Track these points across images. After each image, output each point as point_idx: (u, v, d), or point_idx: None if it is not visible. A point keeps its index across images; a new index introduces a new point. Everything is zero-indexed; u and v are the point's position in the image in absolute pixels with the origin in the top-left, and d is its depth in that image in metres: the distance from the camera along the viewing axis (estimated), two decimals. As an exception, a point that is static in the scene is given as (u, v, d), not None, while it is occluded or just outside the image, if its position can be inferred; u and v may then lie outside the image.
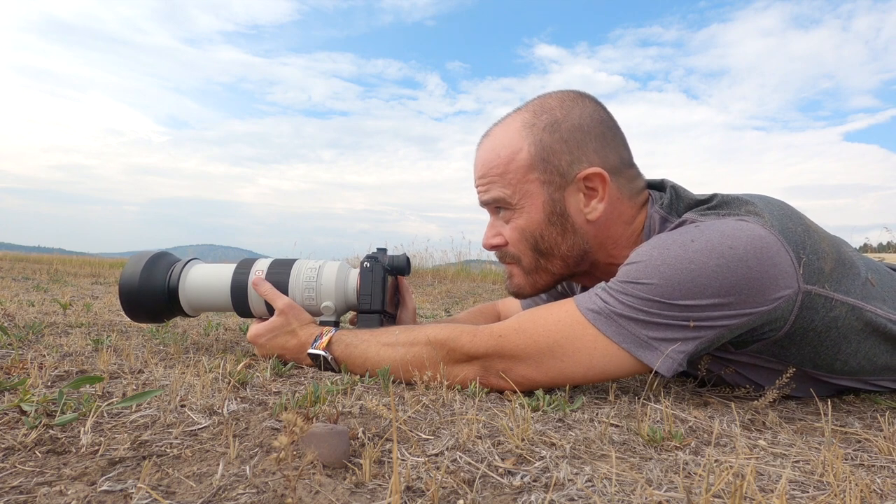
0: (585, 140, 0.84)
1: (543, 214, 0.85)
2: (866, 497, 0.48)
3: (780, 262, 0.71)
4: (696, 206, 0.83)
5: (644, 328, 0.73)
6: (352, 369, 0.90)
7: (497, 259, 0.96)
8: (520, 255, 0.90)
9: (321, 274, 1.01)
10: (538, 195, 0.85)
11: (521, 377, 0.78)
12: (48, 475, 0.48)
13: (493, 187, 0.87)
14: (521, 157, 0.84)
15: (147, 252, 1.08)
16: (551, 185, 0.84)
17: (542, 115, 0.85)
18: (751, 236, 0.71)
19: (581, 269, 0.90)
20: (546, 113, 0.85)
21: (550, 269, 0.89)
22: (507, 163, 0.85)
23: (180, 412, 0.66)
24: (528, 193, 0.85)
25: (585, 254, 0.88)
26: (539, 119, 0.85)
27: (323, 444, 0.50)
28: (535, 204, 0.85)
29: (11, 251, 12.36)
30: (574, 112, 0.85)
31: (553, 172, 0.84)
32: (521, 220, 0.87)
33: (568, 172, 0.84)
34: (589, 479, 0.50)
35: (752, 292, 0.70)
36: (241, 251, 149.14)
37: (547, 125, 0.84)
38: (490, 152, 0.88)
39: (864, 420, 0.79)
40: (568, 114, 0.85)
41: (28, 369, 0.84)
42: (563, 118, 0.84)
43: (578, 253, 0.87)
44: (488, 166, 0.88)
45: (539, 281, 0.91)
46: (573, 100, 0.87)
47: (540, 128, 0.84)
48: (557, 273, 0.90)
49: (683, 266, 0.71)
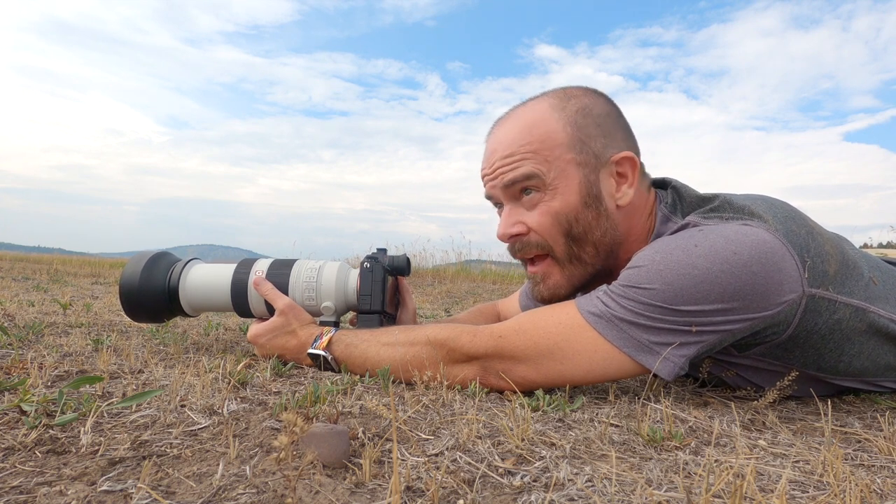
0: (615, 127, 0.84)
1: (579, 196, 0.81)
2: (866, 497, 0.48)
3: (784, 267, 0.70)
4: (700, 205, 0.82)
5: (645, 332, 0.72)
6: (352, 369, 0.90)
7: (511, 253, 0.89)
8: (550, 244, 0.84)
9: (321, 274, 1.01)
10: (574, 175, 0.81)
11: (520, 378, 0.78)
12: (48, 475, 0.48)
13: (525, 163, 0.82)
14: (557, 135, 0.81)
15: (147, 252, 1.08)
16: (587, 166, 0.82)
17: (570, 101, 0.84)
18: (755, 241, 0.70)
19: (608, 266, 0.86)
20: (573, 99, 0.84)
21: (585, 259, 0.84)
22: (541, 140, 0.81)
23: (180, 412, 0.66)
24: (563, 173, 0.81)
25: (615, 244, 0.85)
26: (568, 103, 0.84)
27: (323, 444, 0.50)
28: (571, 185, 0.81)
29: (11, 251, 12.36)
30: (599, 101, 0.85)
31: (588, 154, 0.82)
32: (555, 202, 0.82)
33: (602, 155, 0.82)
34: (589, 479, 0.50)
35: (756, 297, 0.70)
36: (241, 251, 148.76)
37: (578, 109, 0.83)
38: (520, 130, 0.83)
39: (864, 420, 0.79)
40: (595, 101, 0.85)
41: (28, 369, 0.84)
42: (592, 104, 0.84)
43: (610, 241, 0.84)
44: (518, 143, 0.83)
45: (575, 274, 0.85)
46: (595, 92, 0.87)
47: (572, 110, 0.83)
48: (590, 263, 0.85)
49: (686, 271, 0.70)
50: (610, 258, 0.86)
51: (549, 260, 0.86)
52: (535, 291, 0.89)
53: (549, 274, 0.87)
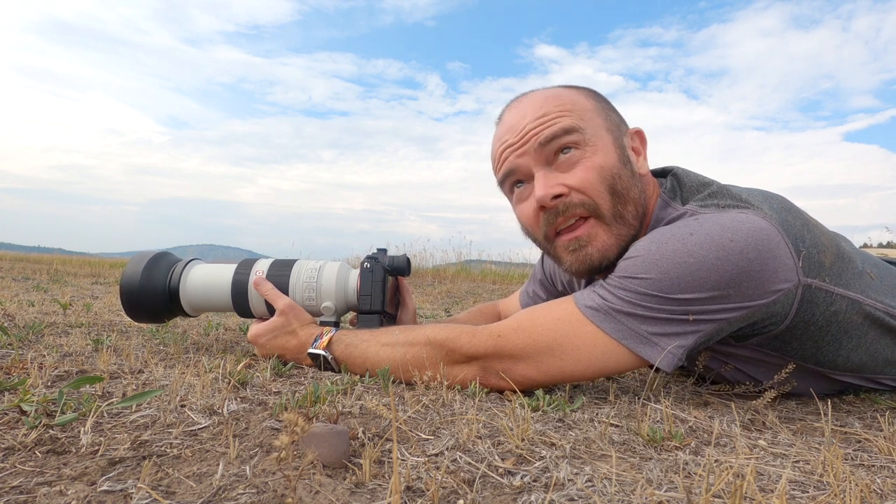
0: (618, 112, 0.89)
1: (616, 154, 0.82)
2: (866, 497, 0.48)
3: (779, 254, 0.71)
4: (698, 190, 0.83)
5: (643, 323, 0.73)
6: (352, 369, 0.90)
7: (545, 225, 0.83)
8: (596, 201, 0.79)
9: (321, 274, 1.01)
10: (607, 137, 0.83)
11: (520, 377, 0.78)
12: (48, 475, 0.48)
13: (564, 119, 0.81)
14: (586, 103, 0.84)
15: (148, 252, 1.08)
16: (613, 132, 0.84)
17: (578, 87, 0.88)
18: (751, 228, 0.71)
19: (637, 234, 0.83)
20: (579, 87, 0.89)
21: (627, 218, 0.81)
22: (572, 104, 0.83)
23: (180, 412, 0.66)
24: (598, 133, 0.82)
25: (644, 209, 0.84)
26: (577, 88, 0.88)
27: (323, 444, 0.50)
28: (607, 143, 0.82)
29: (11, 251, 12.37)
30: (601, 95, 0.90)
31: (612, 122, 0.85)
32: (597, 157, 0.80)
33: (621, 125, 0.87)
34: (589, 479, 0.50)
35: (752, 285, 0.70)
36: (241, 251, 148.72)
37: (589, 92, 0.88)
38: (548, 98, 0.84)
39: (864, 420, 0.79)
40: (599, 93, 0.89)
41: (28, 369, 0.84)
42: (596, 94, 0.88)
43: (643, 203, 0.84)
44: (551, 104, 0.82)
45: (622, 234, 0.81)
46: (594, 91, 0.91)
47: (585, 91, 0.87)
48: (632, 224, 0.82)
49: (682, 260, 0.71)
50: (641, 224, 0.83)
51: (592, 220, 0.81)
52: (578, 258, 0.82)
53: (594, 235, 0.81)
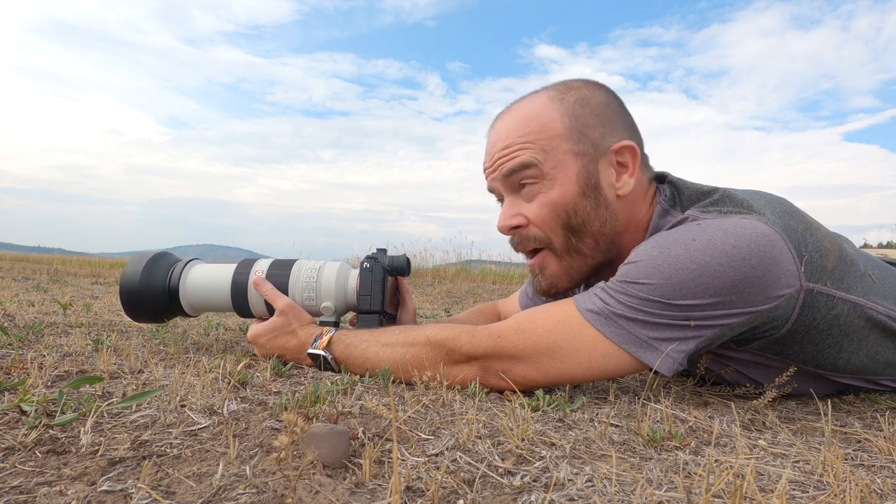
0: (614, 117, 0.84)
1: (577, 187, 0.81)
2: (866, 497, 0.48)
3: (782, 260, 0.70)
4: (699, 199, 0.82)
5: (644, 328, 0.73)
6: (352, 369, 0.90)
7: (512, 246, 0.89)
8: (549, 236, 0.84)
9: (321, 274, 1.01)
10: (572, 166, 0.81)
11: (520, 377, 0.78)
12: (48, 475, 0.48)
13: (524, 153, 0.82)
14: (555, 126, 0.82)
15: (147, 252, 1.08)
16: (585, 156, 0.81)
17: (569, 92, 0.84)
18: (754, 234, 0.70)
19: (609, 257, 0.86)
20: (573, 90, 0.85)
21: (583, 251, 0.84)
22: (539, 130, 0.82)
23: (180, 412, 0.66)
24: (561, 163, 0.81)
25: (615, 235, 0.84)
26: (567, 95, 0.84)
27: (323, 444, 0.50)
28: (569, 175, 0.81)
29: (11, 251, 12.37)
30: (599, 92, 0.85)
31: (587, 143, 0.82)
32: (552, 192, 0.82)
33: (601, 144, 0.82)
34: (589, 479, 0.50)
35: (755, 291, 0.70)
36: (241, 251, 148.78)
37: (577, 100, 0.83)
38: (518, 122, 0.84)
39: (864, 420, 0.79)
40: (594, 93, 0.85)
41: (28, 369, 0.84)
42: (591, 95, 0.84)
43: (610, 232, 0.83)
44: (516, 133, 0.83)
45: (574, 266, 0.85)
46: (595, 84, 0.87)
47: (570, 101, 0.83)
48: (590, 256, 0.84)
49: (684, 265, 0.70)
50: (611, 249, 0.85)
51: (545, 251, 0.86)
52: (534, 283, 0.90)
53: (546, 265, 0.87)
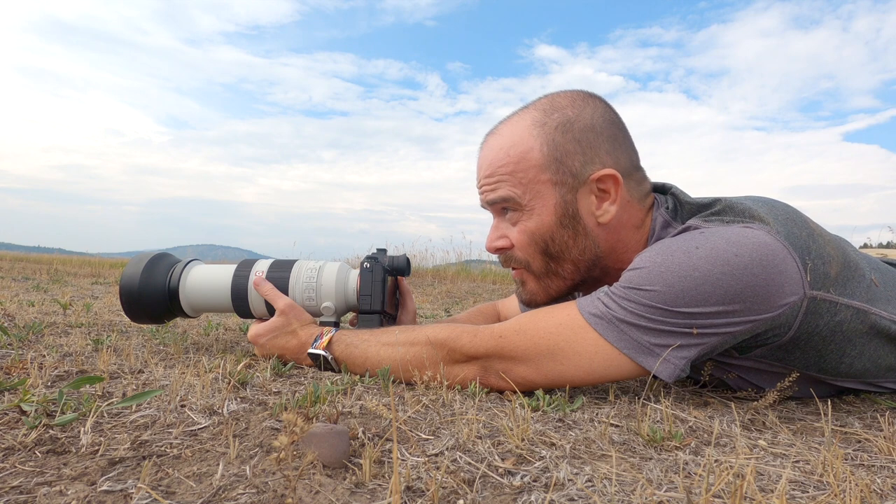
0: (598, 141, 0.82)
1: (555, 217, 0.83)
2: (866, 497, 0.48)
3: (785, 269, 0.70)
4: (699, 210, 0.81)
5: (646, 334, 0.72)
6: (352, 369, 0.90)
7: (500, 262, 0.93)
8: (528, 260, 0.87)
9: (321, 274, 1.01)
10: (549, 196, 0.82)
11: (520, 378, 0.78)
12: (48, 475, 0.48)
13: (502, 186, 0.84)
14: (533, 157, 0.82)
15: (147, 253, 1.08)
16: (563, 186, 0.82)
17: (553, 114, 0.83)
18: (756, 244, 0.70)
19: (593, 275, 0.88)
20: (557, 112, 0.83)
21: (562, 274, 0.87)
22: (517, 161, 0.83)
23: (180, 412, 0.66)
24: (539, 194, 0.83)
25: (597, 259, 0.85)
26: (550, 118, 0.83)
27: (323, 444, 0.50)
28: (547, 205, 0.83)
29: (11, 251, 12.37)
30: (585, 112, 0.83)
31: (566, 173, 0.82)
32: (530, 222, 0.84)
33: (581, 173, 0.82)
34: (589, 479, 0.50)
35: (757, 300, 0.70)
36: (241, 251, 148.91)
37: (559, 124, 0.82)
38: (499, 150, 0.85)
39: (864, 420, 0.79)
40: (579, 113, 0.83)
41: (28, 369, 0.84)
42: (575, 118, 0.83)
43: (590, 257, 0.85)
44: (496, 164, 0.85)
45: (552, 286, 0.88)
46: (583, 99, 0.85)
47: (552, 127, 0.82)
48: (569, 278, 0.87)
49: (687, 273, 0.70)
50: (593, 270, 0.87)
51: (524, 270, 0.89)
52: (517, 292, 0.95)
53: (526, 281, 0.91)
